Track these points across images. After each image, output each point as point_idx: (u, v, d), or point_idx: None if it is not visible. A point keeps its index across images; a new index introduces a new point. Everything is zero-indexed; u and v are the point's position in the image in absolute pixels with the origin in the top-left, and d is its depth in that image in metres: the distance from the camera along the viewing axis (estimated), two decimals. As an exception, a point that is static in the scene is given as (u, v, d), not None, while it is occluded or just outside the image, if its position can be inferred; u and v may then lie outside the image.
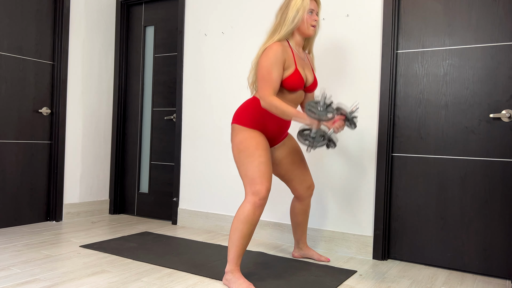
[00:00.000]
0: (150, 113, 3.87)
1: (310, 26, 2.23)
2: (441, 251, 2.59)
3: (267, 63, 2.11)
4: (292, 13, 2.18)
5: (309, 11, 2.21)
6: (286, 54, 2.17)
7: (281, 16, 2.23)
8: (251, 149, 2.13)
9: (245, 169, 2.12)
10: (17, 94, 3.30)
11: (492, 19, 2.46)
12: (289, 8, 2.20)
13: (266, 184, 2.08)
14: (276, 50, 2.12)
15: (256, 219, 2.08)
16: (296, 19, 2.19)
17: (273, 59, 2.11)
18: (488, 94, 2.47)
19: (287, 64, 2.18)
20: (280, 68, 2.14)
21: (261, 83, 2.12)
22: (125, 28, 3.97)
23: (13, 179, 3.29)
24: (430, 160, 2.63)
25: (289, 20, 2.19)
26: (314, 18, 2.23)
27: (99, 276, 2.21)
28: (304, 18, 2.20)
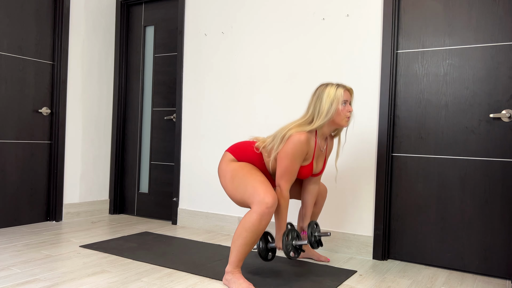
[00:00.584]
0: (150, 113, 3.87)
1: (344, 117, 2.18)
2: (441, 251, 2.59)
3: (293, 155, 2.12)
4: (327, 106, 2.14)
5: (343, 103, 2.17)
6: (309, 147, 2.18)
7: (314, 107, 2.18)
8: (245, 172, 2.15)
9: (243, 189, 2.10)
10: (17, 94, 3.30)
11: (492, 19, 2.46)
12: (322, 99, 2.16)
13: (270, 192, 2.04)
14: (303, 143, 2.11)
15: (261, 229, 2.02)
16: (331, 112, 2.14)
17: (298, 152, 2.12)
18: (488, 94, 2.47)
19: (306, 157, 2.21)
20: (301, 161, 2.17)
21: (283, 172, 2.14)
22: (125, 28, 3.97)
23: (13, 179, 3.29)
24: (430, 160, 2.63)
25: (323, 113, 2.14)
26: (348, 109, 2.18)
27: (99, 276, 2.21)
28: (338, 110, 2.16)
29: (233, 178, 2.16)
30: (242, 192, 2.10)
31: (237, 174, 2.16)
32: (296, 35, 3.03)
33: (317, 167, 2.32)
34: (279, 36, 3.10)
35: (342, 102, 2.16)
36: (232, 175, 2.17)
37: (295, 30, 3.03)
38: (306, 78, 2.99)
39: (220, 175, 2.26)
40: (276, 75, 3.11)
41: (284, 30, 3.08)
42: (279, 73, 3.09)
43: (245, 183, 2.10)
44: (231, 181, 2.17)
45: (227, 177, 2.20)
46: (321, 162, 2.34)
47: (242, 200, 2.12)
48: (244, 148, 2.29)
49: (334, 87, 2.16)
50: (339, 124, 2.19)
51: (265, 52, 3.16)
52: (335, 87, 2.17)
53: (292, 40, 3.05)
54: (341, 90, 2.16)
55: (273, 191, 2.06)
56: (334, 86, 2.17)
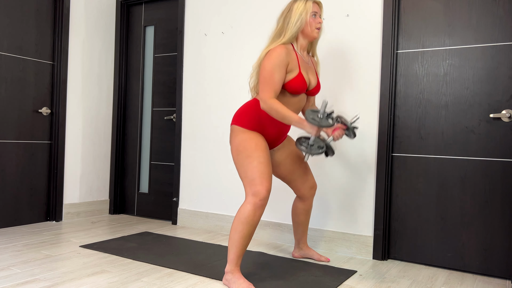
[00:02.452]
0: (150, 113, 3.87)
1: (314, 28, 2.23)
2: (441, 251, 2.59)
3: (270, 65, 2.10)
4: (296, 16, 2.18)
5: (312, 14, 2.21)
6: (290, 57, 2.16)
7: (283, 20, 2.23)
8: (250, 150, 2.13)
9: (245, 170, 2.12)
10: (17, 94, 3.30)
11: (492, 19, 2.46)
12: (292, 12, 2.20)
13: (266, 185, 2.08)
14: (279, 53, 2.11)
15: (256, 220, 2.07)
16: (299, 22, 2.19)
17: (276, 62, 2.10)
18: (488, 94, 2.47)
19: (291, 67, 2.17)
20: (283, 71, 2.13)
21: (263, 85, 2.12)
22: (125, 28, 3.97)
23: (13, 179, 3.29)
24: (430, 160, 2.63)
25: (292, 23, 2.18)
26: (318, 21, 2.23)
27: (99, 276, 2.21)
28: (307, 20, 2.20)
29: (238, 153, 2.16)
30: (243, 174, 2.12)
31: (243, 150, 2.14)
32: (296, 35, 3.03)
33: (310, 81, 2.29)
34: (279, 36, 3.10)
35: (312, 14, 2.21)
36: (238, 149, 2.16)
37: (295, 30, 3.03)
38: (306, 78, 2.98)
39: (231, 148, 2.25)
40: (276, 75, 3.10)
41: (284, 30, 3.08)
42: (279, 73, 3.09)
43: (247, 166, 2.11)
44: (237, 155, 2.16)
45: (234, 150, 2.19)
46: (314, 77, 2.32)
47: (241, 180, 2.17)
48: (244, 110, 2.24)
49: (303, 0, 2.20)
50: (310, 35, 2.24)
51: (265, 52, 3.16)
52: (304, 0, 2.20)
53: (292, 40, 3.05)
54: (310, 2, 2.21)
55: (269, 182, 2.09)
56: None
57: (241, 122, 2.21)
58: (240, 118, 2.22)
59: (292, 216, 2.61)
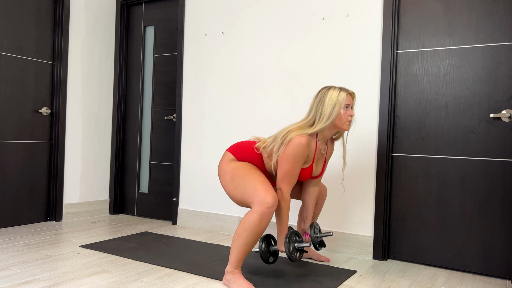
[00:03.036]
0: (150, 113, 3.87)
1: (345, 121, 2.17)
2: (441, 251, 2.59)
3: (294, 158, 2.11)
4: (329, 109, 2.13)
5: (345, 106, 2.16)
6: (309, 150, 2.17)
7: (316, 110, 2.17)
8: (245, 171, 2.15)
9: (243, 188, 2.10)
10: (17, 94, 3.30)
11: (492, 19, 2.46)
12: (324, 102, 2.15)
13: (271, 192, 2.04)
14: (303, 147, 2.11)
15: (262, 229, 2.02)
16: (333, 116, 2.13)
17: (299, 155, 2.11)
18: (488, 94, 2.47)
19: (307, 160, 2.21)
20: (302, 164, 2.16)
21: (283, 176, 2.14)
22: (125, 28, 3.97)
23: (13, 179, 3.29)
24: (430, 160, 2.63)
25: (325, 117, 2.13)
26: (350, 114, 2.17)
27: (99, 276, 2.21)
28: (340, 114, 2.15)
29: (233, 178, 2.16)
30: (242, 192, 2.10)
31: (237, 173, 2.16)
32: (296, 35, 3.03)
33: (317, 169, 2.32)
34: (279, 36, 3.10)
35: (344, 106, 2.15)
36: (232, 175, 2.17)
37: (295, 30, 3.03)
38: (306, 77, 2.99)
39: (220, 175, 2.26)
40: (276, 74, 3.11)
41: (284, 30, 3.08)
42: (279, 73, 3.09)
43: (245, 183, 2.10)
44: (231, 180, 2.17)
45: (227, 177, 2.20)
46: (321, 165, 2.34)
47: (242, 200, 2.12)
48: (244, 147, 2.29)
49: (337, 91, 2.15)
50: (341, 128, 2.19)
51: (265, 52, 3.16)
52: (337, 90, 2.16)
53: (292, 40, 3.05)
54: (343, 94, 2.15)
55: (274, 191, 2.06)
56: (336, 89, 2.16)
57: (238, 155, 2.26)
58: (238, 151, 2.26)
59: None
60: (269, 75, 3.14)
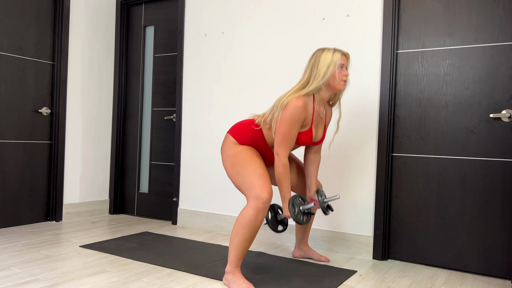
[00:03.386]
0: (150, 113, 3.87)
1: (340, 81, 2.18)
2: (441, 251, 2.59)
3: (289, 121, 2.11)
4: (324, 69, 2.14)
5: (339, 66, 2.17)
6: (307, 113, 2.17)
7: (311, 70, 2.19)
8: (246, 159, 2.15)
9: (242, 177, 2.12)
10: (17, 94, 3.30)
11: (492, 19, 2.46)
12: (319, 61, 2.16)
13: (267, 187, 2.06)
14: (299, 108, 2.10)
15: (258, 224, 2.05)
16: (327, 75, 2.15)
17: (295, 118, 2.11)
18: (488, 94, 2.47)
19: (305, 122, 2.20)
20: (299, 127, 2.16)
21: (280, 139, 2.13)
22: (125, 28, 3.97)
23: (13, 179, 3.29)
24: (430, 160, 2.63)
25: (320, 76, 2.14)
26: (344, 73, 2.18)
27: (99, 276, 2.21)
28: (335, 73, 2.16)
29: (233, 165, 2.18)
30: (241, 181, 2.12)
31: (238, 161, 2.16)
32: (297, 35, 3.03)
33: (317, 134, 2.31)
34: (279, 35, 3.10)
35: (339, 66, 2.17)
36: (233, 161, 2.18)
37: (295, 30, 3.03)
38: (306, 78, 2.99)
39: (222, 158, 2.27)
40: (276, 74, 3.11)
41: (284, 30, 3.08)
42: (279, 73, 3.09)
43: (243, 174, 2.12)
44: (231, 166, 2.18)
45: (227, 162, 2.21)
46: (321, 130, 2.33)
47: (240, 189, 2.16)
48: (244, 127, 2.27)
49: (331, 51, 2.18)
50: (336, 87, 2.20)
51: (265, 51, 3.16)
52: (332, 51, 2.18)
53: (292, 40, 3.05)
54: (338, 54, 2.17)
55: (270, 185, 2.09)
56: (331, 50, 2.18)
57: (238, 137, 2.25)
58: (239, 133, 2.25)
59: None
60: (269, 75, 3.14)
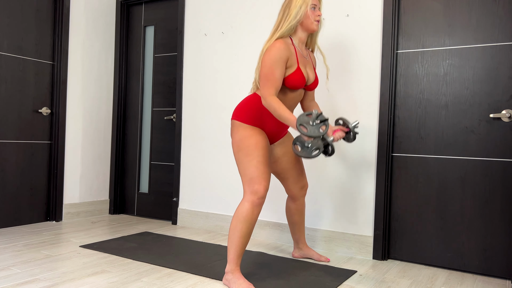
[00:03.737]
0: (150, 113, 3.87)
1: (313, 21, 2.22)
2: (441, 251, 2.59)
3: (270, 61, 2.11)
4: (295, 9, 2.18)
5: (311, 7, 2.21)
6: (289, 52, 2.16)
7: (283, 13, 2.22)
8: (250, 147, 2.14)
9: (244, 167, 2.13)
10: (17, 94, 3.30)
11: (492, 19, 2.46)
12: (291, 3, 2.20)
13: (264, 184, 2.09)
14: (278, 48, 2.11)
15: (254, 218, 2.09)
16: (300, 14, 2.18)
17: (276, 58, 2.11)
18: (488, 94, 2.47)
19: (290, 63, 2.18)
20: (283, 67, 2.14)
21: (264, 81, 2.12)
22: (125, 28, 3.97)
23: (13, 179, 3.29)
24: (430, 160, 2.63)
25: (292, 16, 2.18)
26: (317, 13, 2.23)
27: (99, 276, 2.21)
28: (307, 13, 2.20)
29: (238, 150, 2.17)
30: (242, 171, 2.14)
31: (243, 147, 2.15)
32: (296, 35, 3.03)
33: (309, 76, 2.30)
34: (279, 36, 3.10)
35: (311, 6, 2.20)
36: (239, 147, 2.17)
37: (295, 30, 3.03)
38: (306, 78, 2.99)
39: (231, 142, 2.27)
40: (276, 75, 3.11)
41: (284, 30, 3.08)
42: (279, 73, 3.09)
43: (246, 164, 2.12)
44: (237, 152, 2.18)
45: (235, 147, 2.20)
46: (312, 72, 2.33)
47: (241, 177, 2.18)
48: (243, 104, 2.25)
49: None
50: (309, 27, 2.23)
51: (265, 52, 3.16)
52: None
53: (292, 40, 3.05)
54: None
55: (267, 181, 2.11)
56: None
57: (241, 117, 2.21)
58: (240, 113, 2.22)
59: (287, 216, 2.62)
60: (269, 75, 3.13)
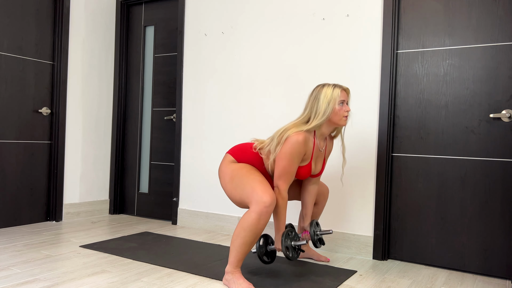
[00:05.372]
0: (150, 113, 3.87)
1: (342, 117, 2.18)
2: (441, 251, 2.59)
3: (290, 155, 2.12)
4: (324, 106, 2.14)
5: (339, 103, 2.17)
6: (307, 147, 2.17)
7: (311, 107, 2.19)
8: (244, 173, 2.16)
9: (242, 188, 2.11)
10: (17, 94, 3.30)
11: (492, 19, 2.46)
12: (319, 99, 2.16)
13: (268, 191, 2.04)
14: (300, 143, 2.11)
15: (260, 228, 2.02)
16: (328, 111, 2.15)
17: (295, 152, 2.12)
18: (488, 94, 2.47)
19: (305, 157, 2.21)
20: (299, 161, 2.17)
21: (280, 174, 2.14)
22: (125, 28, 3.97)
23: (13, 179, 3.29)
24: (430, 160, 2.63)
25: (320, 113, 2.15)
26: (346, 109, 2.18)
27: (99, 276, 2.21)
28: (335, 110, 2.17)
29: (232, 179, 2.18)
30: (241, 192, 2.11)
31: (236, 174, 2.17)
32: (296, 35, 3.03)
33: (316, 168, 2.33)
34: (279, 36, 3.10)
35: (339, 102, 2.17)
36: (232, 176, 2.18)
37: (295, 30, 3.03)
38: (306, 77, 2.99)
39: (220, 176, 2.27)
40: (276, 74, 3.11)
41: (284, 30, 3.08)
42: (279, 73, 3.09)
43: (243, 183, 2.11)
44: (230, 181, 2.18)
45: (226, 178, 2.21)
46: (320, 163, 2.34)
47: (241, 200, 2.13)
48: (244, 149, 2.30)
49: (331, 88, 2.17)
50: (337, 123, 2.20)
51: (265, 52, 3.16)
52: (332, 87, 2.17)
53: (292, 40, 3.05)
54: (338, 90, 2.17)
55: (272, 190, 2.07)
56: (331, 86, 2.18)
57: (238, 156, 2.27)
58: (239, 155, 2.27)
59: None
60: (269, 75, 3.14)
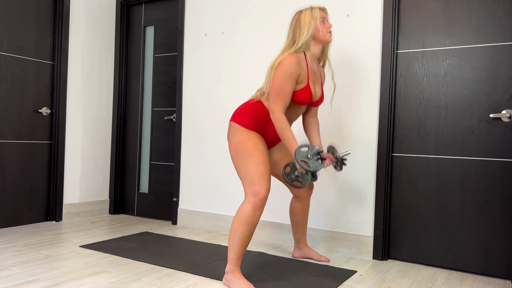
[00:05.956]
0: (150, 113, 3.87)
1: (326, 32, 2.23)
2: (441, 251, 2.59)
3: (282, 76, 2.11)
4: (306, 25, 2.20)
5: (320, 20, 2.22)
6: (301, 68, 2.17)
7: (293, 31, 2.24)
8: (250, 150, 2.14)
9: (244, 169, 2.13)
10: (17, 94, 3.30)
11: (492, 19, 2.46)
12: (300, 21, 2.22)
13: (265, 185, 2.09)
14: (291, 63, 2.11)
15: (256, 220, 2.08)
16: (311, 29, 2.20)
17: (288, 73, 2.11)
18: (488, 94, 2.47)
19: (300, 79, 2.19)
20: (294, 82, 2.15)
21: (274, 96, 2.13)
22: (125, 28, 3.97)
23: (13, 179, 3.29)
24: (430, 160, 2.63)
25: (304, 32, 2.19)
26: (328, 25, 2.24)
27: (99, 276, 2.21)
28: (318, 26, 2.21)
29: (237, 153, 2.17)
30: (243, 174, 2.14)
31: (242, 150, 2.15)
32: (296, 35, 3.03)
33: (316, 93, 2.31)
34: (279, 36, 3.10)
35: (320, 20, 2.23)
36: (237, 149, 2.17)
37: (295, 30, 3.03)
38: (306, 78, 2.99)
39: (228, 145, 2.27)
40: (276, 75, 3.11)
41: (284, 30, 3.08)
42: (279, 73, 3.09)
43: (246, 166, 2.12)
44: (236, 155, 2.18)
45: (233, 150, 2.20)
46: (319, 88, 2.33)
47: (241, 180, 2.17)
48: (244, 108, 2.26)
49: (309, 9, 2.24)
50: (323, 39, 2.24)
51: (265, 51, 3.16)
52: (309, 9, 2.24)
53: (292, 40, 3.05)
54: (316, 9, 2.24)
55: (268, 181, 2.10)
56: (308, 8, 2.25)
57: (241, 121, 2.22)
58: (241, 117, 2.23)
59: (290, 216, 2.61)
60: (269, 75, 3.14)
